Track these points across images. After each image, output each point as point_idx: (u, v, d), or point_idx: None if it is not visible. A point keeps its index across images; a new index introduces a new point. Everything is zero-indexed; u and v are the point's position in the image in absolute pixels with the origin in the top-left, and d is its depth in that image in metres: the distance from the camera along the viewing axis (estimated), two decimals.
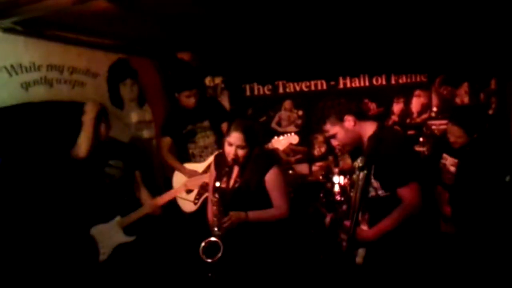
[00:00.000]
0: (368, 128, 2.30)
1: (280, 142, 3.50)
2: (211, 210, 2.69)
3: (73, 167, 3.05)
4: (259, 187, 2.63)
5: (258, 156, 2.67)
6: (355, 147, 2.35)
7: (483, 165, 3.00)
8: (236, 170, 2.71)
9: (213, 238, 2.49)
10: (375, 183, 2.21)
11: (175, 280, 3.55)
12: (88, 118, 3.08)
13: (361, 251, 2.22)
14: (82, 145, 3.07)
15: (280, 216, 2.64)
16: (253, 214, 2.59)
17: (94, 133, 3.09)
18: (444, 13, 3.71)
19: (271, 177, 2.62)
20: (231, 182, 2.71)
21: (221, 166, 2.72)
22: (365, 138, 2.29)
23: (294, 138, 3.50)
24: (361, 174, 1.95)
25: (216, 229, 2.52)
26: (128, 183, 3.26)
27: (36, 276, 3.00)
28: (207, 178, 3.29)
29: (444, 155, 3.22)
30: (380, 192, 2.22)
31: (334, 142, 2.36)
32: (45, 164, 3.10)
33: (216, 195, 2.60)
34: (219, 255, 2.45)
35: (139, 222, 3.19)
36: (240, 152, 2.60)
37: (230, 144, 2.61)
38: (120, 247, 3.14)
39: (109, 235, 3.11)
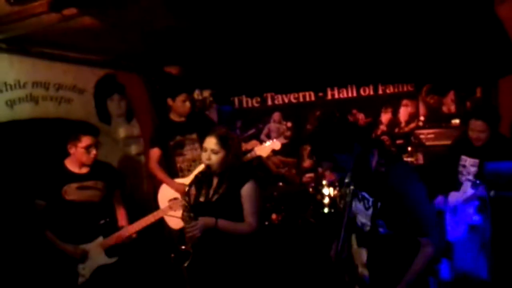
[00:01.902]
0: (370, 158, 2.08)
1: (263, 150, 3.53)
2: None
3: (57, 186, 2.99)
4: (235, 201, 2.60)
5: (234, 168, 2.65)
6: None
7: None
8: (215, 182, 2.70)
9: (182, 247, 2.47)
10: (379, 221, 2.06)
11: None
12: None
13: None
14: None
15: (248, 232, 2.59)
16: (223, 223, 2.55)
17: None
18: (428, 24, 3.76)
19: (246, 191, 2.59)
20: (210, 193, 2.69)
21: (201, 181, 2.71)
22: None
23: (276, 144, 3.53)
24: (348, 190, 1.89)
25: (187, 237, 2.52)
26: (110, 204, 3.20)
27: None
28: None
29: (463, 157, 3.25)
30: (381, 229, 2.06)
31: (323, 171, 2.15)
32: (30, 182, 3.05)
33: (186, 199, 2.60)
34: (186, 263, 2.44)
35: (122, 243, 3.10)
36: (214, 157, 2.59)
37: (205, 150, 2.63)
38: (100, 269, 3.02)
39: (90, 256, 3.00)
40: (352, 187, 1.84)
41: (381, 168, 1.99)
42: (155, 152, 3.83)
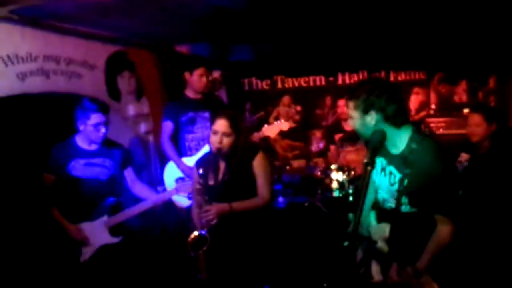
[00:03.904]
0: (399, 136, 2.04)
1: (271, 130, 3.54)
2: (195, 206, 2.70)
3: (65, 160, 2.97)
4: (248, 175, 2.64)
5: (244, 147, 2.67)
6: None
7: (496, 163, 3.03)
8: (222, 165, 2.70)
9: (197, 232, 2.49)
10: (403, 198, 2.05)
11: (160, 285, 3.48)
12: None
13: (375, 268, 2.14)
14: None
15: (262, 205, 2.66)
16: (237, 205, 2.59)
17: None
18: (443, 11, 3.69)
19: (257, 163, 2.64)
20: (219, 176, 2.70)
21: (206, 165, 2.71)
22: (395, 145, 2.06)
23: (284, 125, 3.54)
24: (367, 170, 1.88)
25: (200, 222, 2.54)
26: (117, 182, 3.16)
27: (14, 275, 2.90)
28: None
29: (461, 153, 3.26)
30: (403, 206, 2.04)
31: (349, 126, 2.21)
32: (40, 156, 3.05)
33: (199, 185, 2.59)
34: (205, 248, 2.46)
35: (128, 223, 3.07)
36: (226, 140, 2.58)
37: (215, 132, 2.60)
38: (104, 248, 2.99)
39: (94, 234, 2.97)
40: (369, 168, 1.82)
41: (412, 145, 1.98)
42: (167, 126, 3.78)
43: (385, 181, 2.11)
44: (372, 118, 2.00)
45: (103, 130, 2.97)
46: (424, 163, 1.93)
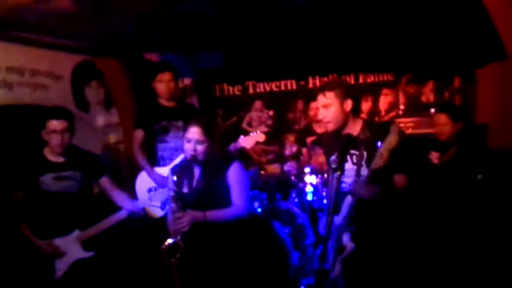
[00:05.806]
0: (356, 124, 2.42)
1: (247, 141, 3.53)
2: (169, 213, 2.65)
3: (34, 175, 2.88)
4: (222, 184, 2.61)
5: (219, 154, 2.66)
6: (336, 130, 2.44)
7: (464, 160, 3.13)
8: (197, 171, 2.68)
9: (170, 240, 2.45)
10: (363, 171, 2.28)
11: None
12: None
13: (346, 237, 2.25)
14: None
15: (238, 216, 2.61)
16: (211, 214, 2.56)
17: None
18: (409, 13, 3.78)
19: (232, 172, 2.61)
20: (194, 184, 2.68)
21: (180, 172, 2.68)
22: (351, 130, 2.39)
23: (260, 137, 3.54)
24: (335, 175, 1.94)
25: (173, 229, 2.50)
26: (88, 195, 3.08)
27: None
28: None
29: (432, 152, 3.36)
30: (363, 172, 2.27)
31: (321, 115, 2.42)
32: (7, 171, 2.94)
33: (173, 192, 2.55)
34: (178, 255, 2.43)
35: (100, 236, 2.98)
36: (199, 148, 2.57)
37: (189, 140, 2.59)
38: (78, 263, 2.92)
39: (66, 250, 2.90)
40: (339, 173, 1.87)
41: (366, 132, 2.33)
42: (138, 134, 3.70)
43: (349, 164, 2.33)
44: (347, 106, 2.36)
45: (59, 137, 2.83)
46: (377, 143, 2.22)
